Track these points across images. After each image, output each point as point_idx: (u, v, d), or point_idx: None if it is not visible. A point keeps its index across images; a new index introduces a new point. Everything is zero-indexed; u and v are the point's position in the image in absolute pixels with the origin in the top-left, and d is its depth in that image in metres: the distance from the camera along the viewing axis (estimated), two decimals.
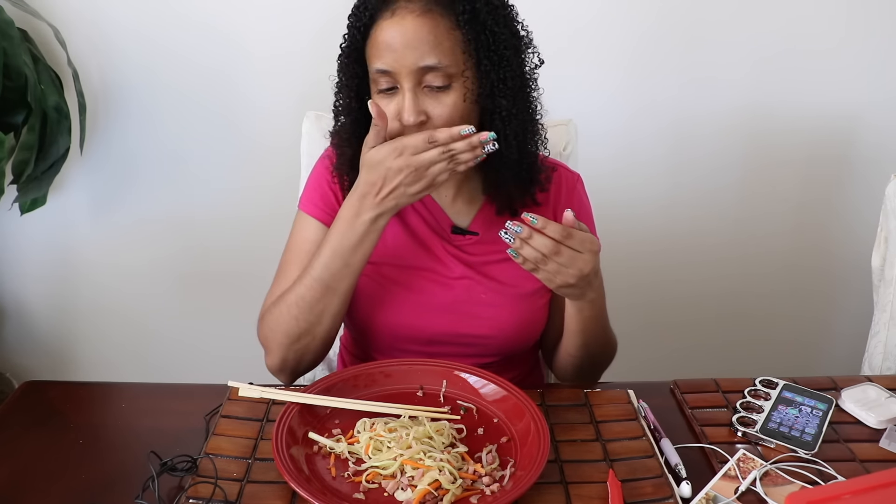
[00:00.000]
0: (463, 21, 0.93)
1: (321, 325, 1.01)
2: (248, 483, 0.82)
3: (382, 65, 0.93)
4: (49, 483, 0.84)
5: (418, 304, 1.07)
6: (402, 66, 0.92)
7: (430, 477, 0.80)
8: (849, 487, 0.77)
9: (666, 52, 1.74)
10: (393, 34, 0.92)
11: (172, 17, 1.69)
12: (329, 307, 1.00)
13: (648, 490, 0.83)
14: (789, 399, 1.00)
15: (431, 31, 0.92)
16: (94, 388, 1.06)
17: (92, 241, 1.91)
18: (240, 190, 1.85)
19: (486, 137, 0.92)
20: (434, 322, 1.06)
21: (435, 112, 0.95)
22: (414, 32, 0.91)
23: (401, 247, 1.07)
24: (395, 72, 0.93)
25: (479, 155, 0.92)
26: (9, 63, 1.49)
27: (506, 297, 1.07)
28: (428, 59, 0.92)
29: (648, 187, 1.87)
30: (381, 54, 0.93)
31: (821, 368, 1.33)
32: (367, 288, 1.07)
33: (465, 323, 1.07)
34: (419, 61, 0.92)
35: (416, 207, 1.08)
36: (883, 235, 1.32)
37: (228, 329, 1.84)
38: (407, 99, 0.93)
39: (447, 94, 0.94)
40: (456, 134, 0.91)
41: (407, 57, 0.92)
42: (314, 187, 1.11)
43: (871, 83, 1.78)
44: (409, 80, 0.93)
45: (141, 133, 1.80)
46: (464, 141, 0.91)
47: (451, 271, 1.07)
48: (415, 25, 0.91)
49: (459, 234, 1.08)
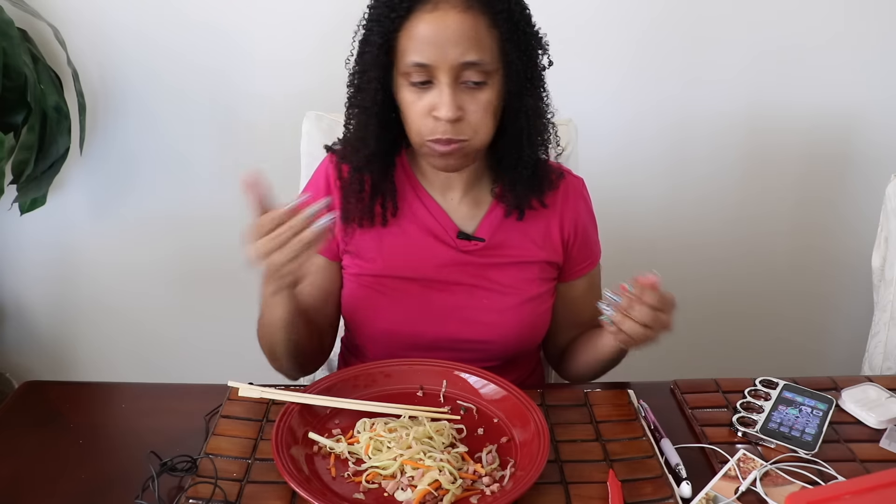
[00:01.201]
0: (500, 20, 0.93)
1: (282, 357, 1.03)
2: (248, 483, 0.82)
3: (422, 58, 0.92)
4: (49, 483, 0.83)
5: (418, 312, 1.06)
6: (443, 60, 0.91)
7: (430, 477, 0.80)
8: (849, 487, 0.77)
9: (666, 51, 1.74)
10: (436, 28, 0.91)
11: (172, 17, 1.69)
12: (277, 345, 1.01)
13: (648, 490, 0.82)
14: (789, 399, 1.00)
15: (473, 28, 0.92)
16: (94, 388, 1.06)
17: (92, 241, 1.91)
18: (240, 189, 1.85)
19: (323, 215, 0.85)
20: (434, 328, 1.06)
21: (470, 108, 0.95)
22: (458, 27, 0.91)
23: (402, 256, 1.06)
24: (435, 66, 0.92)
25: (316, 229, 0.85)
26: (9, 63, 1.49)
27: (509, 302, 1.07)
28: (469, 55, 0.92)
29: (648, 187, 1.87)
30: (420, 48, 0.92)
31: (821, 368, 1.32)
32: (367, 297, 1.06)
33: (467, 328, 1.06)
34: (461, 57, 0.91)
35: (419, 215, 1.07)
36: (883, 235, 1.32)
37: (228, 329, 1.84)
38: (446, 94, 0.92)
39: (482, 92, 0.95)
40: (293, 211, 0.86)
41: (449, 52, 0.91)
42: None
43: (872, 82, 1.78)
44: (448, 76, 0.92)
45: (141, 133, 1.80)
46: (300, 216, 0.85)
47: (454, 277, 1.07)
48: (458, 20, 0.91)
49: (465, 239, 1.07)
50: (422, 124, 0.96)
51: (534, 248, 1.08)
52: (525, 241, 1.08)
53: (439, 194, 1.08)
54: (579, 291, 1.15)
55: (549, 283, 1.11)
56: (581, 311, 1.16)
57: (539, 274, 1.09)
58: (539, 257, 1.09)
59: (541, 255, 1.09)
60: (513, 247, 1.08)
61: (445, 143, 0.96)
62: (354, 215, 1.05)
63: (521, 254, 1.08)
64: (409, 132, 0.99)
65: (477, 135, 0.97)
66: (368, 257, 1.07)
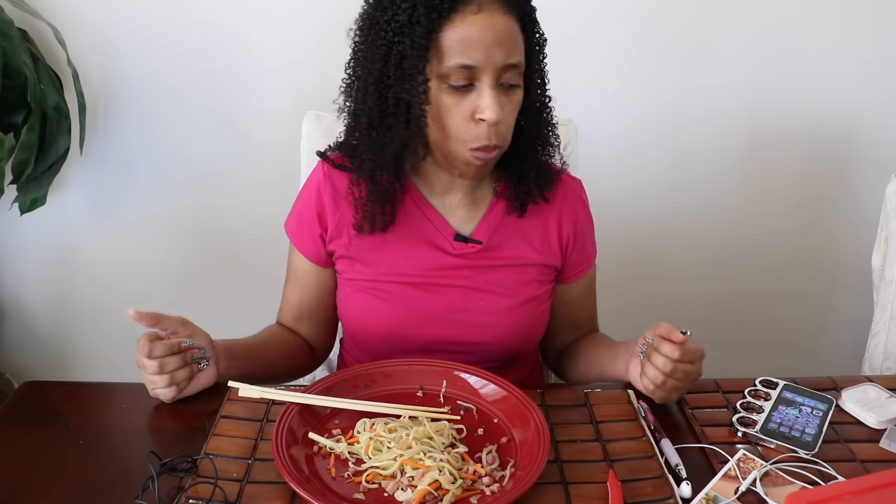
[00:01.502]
0: (527, 22, 0.95)
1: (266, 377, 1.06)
2: (248, 483, 0.82)
3: (469, 60, 0.91)
4: (49, 483, 0.83)
5: (414, 315, 1.06)
6: (491, 62, 0.91)
7: (430, 477, 0.80)
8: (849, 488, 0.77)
9: (666, 51, 1.74)
10: (483, 30, 0.90)
11: (172, 17, 1.69)
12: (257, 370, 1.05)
13: (648, 490, 0.82)
14: (789, 399, 1.00)
15: (513, 29, 0.93)
16: (94, 388, 1.06)
17: (92, 241, 1.91)
18: (240, 189, 1.85)
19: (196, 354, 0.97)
20: (431, 331, 1.06)
21: (506, 110, 0.95)
22: (504, 28, 0.91)
23: (398, 261, 1.06)
24: (482, 68, 0.91)
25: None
26: (8, 63, 1.49)
27: (505, 304, 1.06)
28: (513, 56, 0.92)
29: (648, 187, 1.87)
30: (467, 49, 0.90)
31: (821, 368, 1.33)
32: (364, 301, 1.06)
33: (463, 331, 1.06)
34: (507, 59, 0.92)
35: (415, 219, 1.06)
36: (883, 235, 1.32)
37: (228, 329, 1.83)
38: (491, 96, 0.92)
39: (516, 93, 0.96)
40: None
41: (497, 54, 0.91)
42: (296, 218, 1.10)
43: (872, 83, 1.78)
44: (492, 77, 0.92)
45: (141, 133, 1.80)
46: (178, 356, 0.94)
47: (450, 280, 1.06)
48: (503, 22, 0.91)
49: (462, 241, 1.07)
50: (464, 130, 0.94)
51: (531, 251, 1.08)
52: (523, 244, 1.08)
53: (438, 198, 1.07)
54: (576, 293, 1.15)
55: (546, 285, 1.11)
56: (578, 312, 1.16)
57: (537, 276, 1.09)
58: (537, 260, 1.09)
59: (538, 258, 1.09)
60: (510, 249, 1.08)
61: (490, 149, 0.95)
62: (356, 222, 1.03)
63: (518, 255, 1.08)
64: (447, 139, 0.96)
65: (508, 138, 0.98)
66: (366, 262, 1.06)
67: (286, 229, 1.11)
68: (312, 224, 1.07)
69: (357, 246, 1.06)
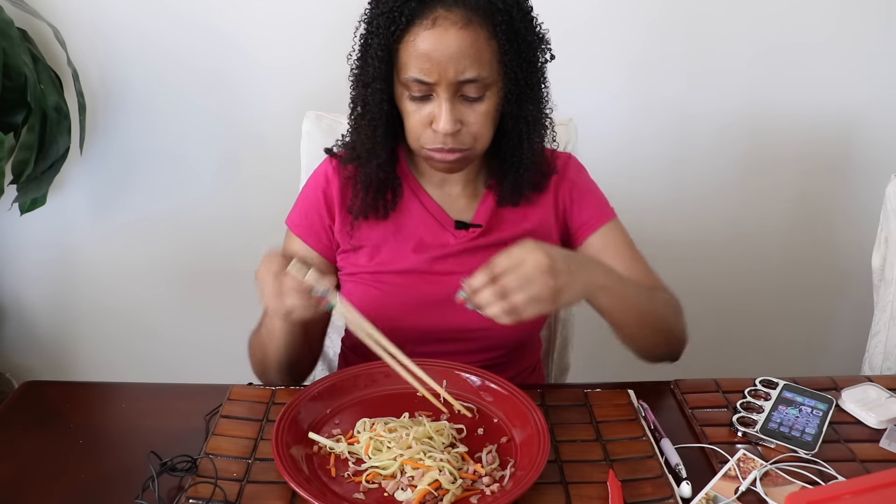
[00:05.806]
0: (500, 31, 0.92)
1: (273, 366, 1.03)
2: (248, 483, 0.82)
3: (421, 74, 0.91)
4: (49, 483, 0.83)
5: (418, 305, 1.06)
6: (442, 77, 0.91)
7: (430, 477, 0.80)
8: (849, 487, 0.77)
9: (666, 50, 1.74)
10: (434, 45, 0.90)
11: (172, 16, 1.69)
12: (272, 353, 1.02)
13: (648, 490, 0.82)
14: (789, 399, 1.00)
15: (472, 45, 0.91)
16: (94, 388, 1.06)
17: (92, 241, 1.91)
18: (240, 189, 1.85)
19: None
20: (435, 320, 1.06)
21: (469, 120, 0.95)
22: (456, 45, 0.90)
23: (399, 251, 1.07)
24: (434, 82, 0.92)
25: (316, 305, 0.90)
26: (8, 63, 1.49)
27: None
28: (468, 72, 0.91)
29: (648, 186, 1.87)
30: (419, 64, 0.91)
31: (821, 368, 1.32)
32: (366, 295, 1.07)
33: (468, 317, 1.05)
34: (459, 75, 0.91)
35: (415, 210, 1.07)
36: (883, 235, 1.32)
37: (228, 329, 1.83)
38: (445, 110, 0.93)
39: (481, 104, 0.95)
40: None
41: (448, 70, 0.91)
42: (302, 212, 1.11)
43: (873, 82, 1.78)
44: (447, 91, 0.92)
45: (141, 133, 1.80)
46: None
47: (452, 267, 1.07)
48: (457, 38, 0.90)
49: (463, 228, 1.08)
50: (421, 133, 0.97)
51: (531, 234, 1.08)
52: (523, 225, 1.08)
53: (436, 188, 1.08)
54: (594, 251, 1.11)
55: None
56: None
57: None
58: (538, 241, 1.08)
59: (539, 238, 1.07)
60: (510, 230, 1.08)
61: (447, 151, 0.96)
62: (360, 210, 1.05)
63: (519, 238, 1.07)
64: (409, 138, 0.99)
65: (477, 143, 0.98)
66: (369, 254, 1.07)
67: (288, 224, 1.11)
68: (322, 215, 1.08)
69: (359, 238, 1.07)
